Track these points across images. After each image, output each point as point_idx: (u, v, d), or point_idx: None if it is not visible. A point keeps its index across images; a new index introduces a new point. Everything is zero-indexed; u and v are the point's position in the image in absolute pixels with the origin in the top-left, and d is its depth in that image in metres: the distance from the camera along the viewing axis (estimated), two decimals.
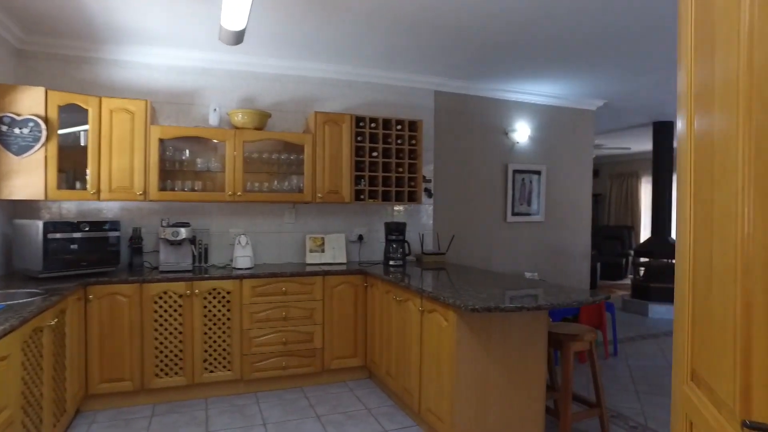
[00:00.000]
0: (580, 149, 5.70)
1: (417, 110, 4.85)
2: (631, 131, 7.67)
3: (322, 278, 3.89)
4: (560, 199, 5.60)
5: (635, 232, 10.64)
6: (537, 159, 5.44)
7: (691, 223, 0.98)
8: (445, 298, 2.64)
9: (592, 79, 4.81)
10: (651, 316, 6.53)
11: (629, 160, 10.86)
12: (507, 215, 5.27)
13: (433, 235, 4.93)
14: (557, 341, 2.94)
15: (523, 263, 5.38)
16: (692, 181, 0.97)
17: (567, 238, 5.65)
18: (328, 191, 4.17)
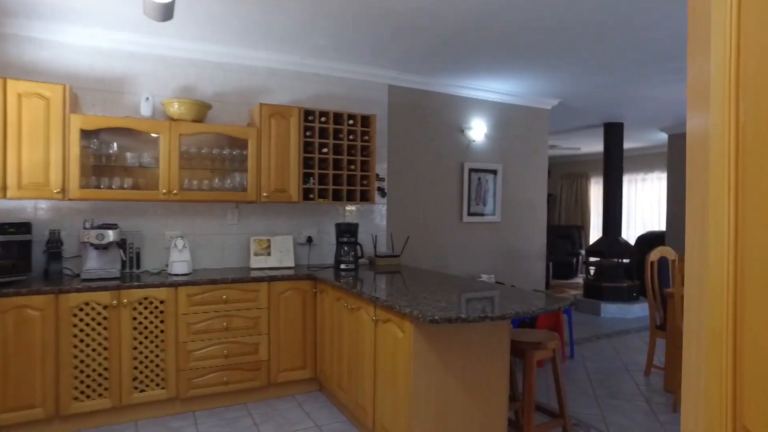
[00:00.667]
0: (535, 149, 5.63)
1: (370, 105, 4.61)
2: (583, 132, 7.74)
3: (267, 284, 3.58)
4: (516, 199, 5.51)
5: (585, 231, 10.83)
6: (493, 158, 5.32)
7: (729, 223, 0.78)
8: (401, 307, 2.41)
9: (547, 77, 4.72)
10: (603, 315, 6.57)
11: (579, 160, 11.04)
12: (463, 215, 5.11)
13: (387, 237, 4.70)
14: (519, 350, 2.78)
15: (480, 264, 5.25)
16: (736, 172, 0.77)
17: (522, 239, 5.56)
18: (274, 190, 3.86)
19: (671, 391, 3.83)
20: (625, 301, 6.63)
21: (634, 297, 6.74)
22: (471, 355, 2.53)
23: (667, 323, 3.90)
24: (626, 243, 6.85)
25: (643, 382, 4.08)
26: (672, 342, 3.86)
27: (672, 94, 5.27)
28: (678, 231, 7.31)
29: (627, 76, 4.64)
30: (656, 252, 4.25)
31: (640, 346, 5.13)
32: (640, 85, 4.91)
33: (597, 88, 5.10)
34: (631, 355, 4.82)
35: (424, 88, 4.88)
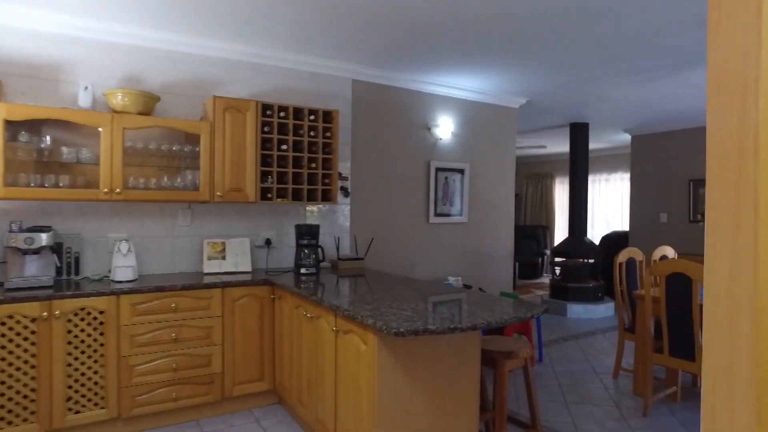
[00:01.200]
0: (503, 148, 5.53)
1: (333, 100, 4.39)
2: (549, 132, 7.72)
3: (221, 291, 3.32)
4: (483, 199, 5.39)
5: (550, 231, 10.88)
6: (460, 157, 5.18)
7: None
8: (364, 317, 2.21)
9: (515, 75, 4.61)
10: (569, 316, 6.54)
11: (544, 161, 11.10)
12: (429, 216, 4.95)
13: (351, 239, 4.49)
14: (490, 359, 2.61)
15: (447, 267, 5.10)
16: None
17: (490, 240, 5.45)
18: (229, 189, 3.60)
19: (640, 394, 3.76)
20: (591, 302, 6.62)
21: (600, 297, 6.75)
22: (440, 366, 2.35)
23: (636, 325, 3.83)
24: (591, 243, 6.85)
25: (612, 385, 4.01)
26: (641, 344, 3.79)
27: (636, 95, 5.25)
28: (641, 231, 7.37)
29: (593, 75, 4.57)
30: (624, 253, 4.19)
31: (607, 347, 5.09)
32: (606, 84, 4.86)
33: (564, 87, 5.03)
34: (598, 357, 4.76)
35: (390, 84, 4.69)
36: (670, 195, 7.01)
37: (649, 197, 7.27)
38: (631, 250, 4.25)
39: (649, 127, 7.17)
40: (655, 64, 4.19)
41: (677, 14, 3.17)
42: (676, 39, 3.60)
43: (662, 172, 7.11)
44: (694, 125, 6.68)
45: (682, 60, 4.08)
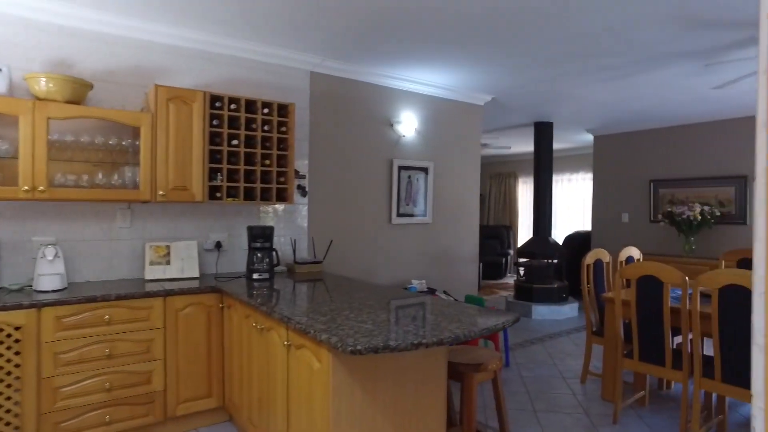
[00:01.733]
0: (468, 146, 5.37)
1: (290, 93, 4.11)
2: (514, 131, 7.64)
3: (162, 300, 2.99)
4: (448, 199, 5.21)
5: (513, 231, 10.86)
6: (424, 155, 4.98)
7: None
8: (317, 332, 1.95)
9: (480, 70, 4.44)
10: (534, 317, 6.46)
11: (508, 160, 11.08)
12: (392, 216, 4.73)
13: (309, 241, 4.22)
14: (457, 372, 2.41)
15: (410, 269, 4.89)
16: None
17: (455, 241, 5.28)
18: (173, 188, 3.27)
19: (609, 399, 3.64)
20: (556, 302, 6.56)
21: (564, 298, 6.69)
22: (403, 384, 2.12)
23: (605, 329, 3.72)
24: (556, 243, 6.80)
25: (581, 391, 3.89)
26: (609, 348, 3.68)
27: (601, 93, 5.18)
28: (603, 231, 7.38)
29: (560, 72, 4.45)
30: (592, 255, 4.08)
31: (573, 350, 4.99)
32: (572, 82, 4.76)
33: (530, 84, 4.90)
34: (565, 360, 4.65)
35: (351, 77, 4.44)
36: (632, 195, 7.04)
37: (611, 198, 7.28)
38: (598, 252, 4.14)
39: (611, 128, 7.18)
40: (622, 61, 4.10)
41: (646, 9, 3.05)
42: (644, 34, 3.49)
43: (624, 173, 7.14)
44: (655, 126, 6.72)
45: (648, 57, 4.00)
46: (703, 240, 6.21)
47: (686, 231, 5.98)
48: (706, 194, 6.24)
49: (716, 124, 6.16)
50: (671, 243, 6.54)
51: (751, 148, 5.88)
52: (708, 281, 2.81)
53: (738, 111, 5.88)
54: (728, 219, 6.01)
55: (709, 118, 6.17)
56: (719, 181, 6.13)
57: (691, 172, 6.40)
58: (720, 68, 4.20)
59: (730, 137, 6.05)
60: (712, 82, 4.55)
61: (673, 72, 4.37)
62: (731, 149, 6.04)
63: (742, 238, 5.92)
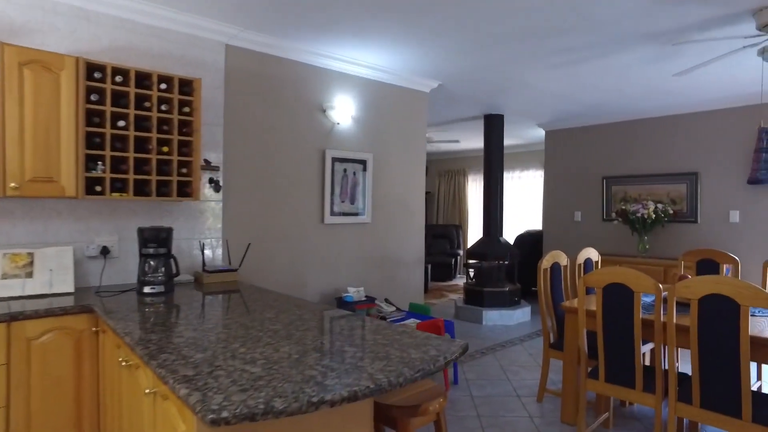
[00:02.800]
0: (412, 137, 4.83)
1: (198, 68, 3.43)
2: (464, 125, 7.20)
3: (5, 326, 2.27)
4: (390, 196, 4.66)
5: (463, 230, 10.49)
6: (362, 146, 4.41)
7: None
8: (177, 382, 1.33)
9: (424, 51, 3.91)
10: (485, 323, 6.02)
11: (457, 157, 10.69)
12: (325, 215, 4.13)
13: (223, 245, 3.56)
14: (389, 417, 1.84)
15: (347, 275, 4.31)
16: None
17: (398, 242, 4.73)
18: (32, 178, 2.55)
19: (570, 423, 3.20)
20: (508, 307, 6.15)
21: (516, 302, 6.29)
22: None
23: (565, 342, 3.26)
24: (507, 244, 6.39)
25: (538, 412, 3.43)
26: (570, 365, 3.23)
27: (555, 82, 4.78)
28: (555, 230, 7.05)
29: (513, 53, 3.99)
30: (549, 258, 3.63)
31: (527, 361, 4.56)
32: (525, 67, 4.32)
33: (478, 70, 4.43)
34: (519, 374, 4.19)
35: (275, 53, 3.81)
36: (584, 193, 6.74)
37: (563, 195, 6.97)
38: (555, 255, 3.70)
39: (563, 122, 6.86)
40: (581, 42, 3.67)
41: None
42: (608, 9, 3.06)
43: (576, 170, 6.83)
44: (608, 120, 6.43)
45: (610, 38, 3.59)
46: (655, 239, 5.96)
47: (640, 230, 5.70)
48: (659, 192, 6.00)
49: (669, 119, 5.93)
50: (625, 242, 6.27)
51: (704, 143, 5.67)
52: (686, 290, 2.38)
53: (692, 106, 5.65)
54: (680, 217, 5.78)
55: (663, 113, 5.92)
56: (671, 178, 5.89)
57: (644, 168, 6.15)
58: (683, 53, 3.86)
59: (683, 133, 5.82)
60: (673, 69, 4.22)
61: (634, 57, 4.00)
62: (684, 145, 5.81)
63: (695, 237, 5.70)
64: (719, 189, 5.55)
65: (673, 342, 2.50)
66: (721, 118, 5.52)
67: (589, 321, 2.94)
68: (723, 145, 5.52)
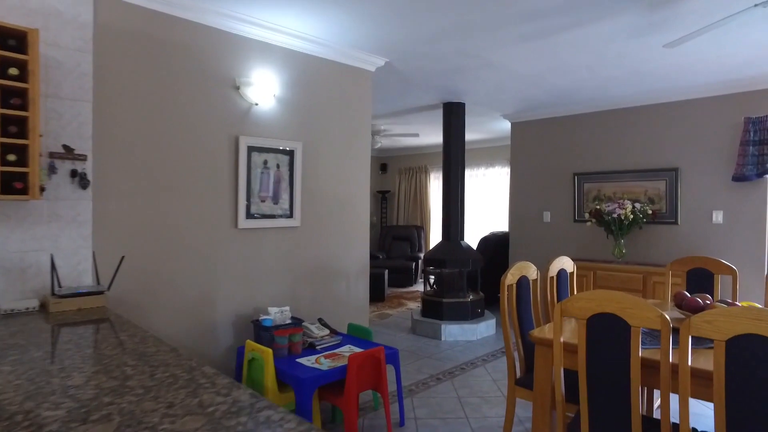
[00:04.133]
0: (354, 125, 4.06)
1: (50, 18, 2.56)
2: (421, 116, 6.47)
3: None
4: (326, 194, 3.87)
5: (426, 232, 9.79)
6: (289, 132, 3.61)
7: None
8: None
9: (367, 19, 3.14)
10: (444, 339, 5.30)
11: (418, 153, 9.99)
12: (239, 218, 3.31)
13: (93, 260, 2.70)
14: None
15: (269, 291, 3.50)
16: None
17: (337, 249, 3.95)
18: None
19: None
20: (470, 320, 5.45)
21: (479, 313, 5.60)
22: None
23: (535, 379, 2.54)
24: (469, 248, 5.69)
25: None
26: (541, 409, 2.51)
27: (520, 62, 4.09)
28: (522, 232, 6.39)
29: (468, 24, 3.26)
30: (515, 271, 2.91)
31: (490, 389, 3.84)
32: (484, 41, 3.60)
33: (431, 43, 3.69)
34: (480, 410, 3.47)
35: (172, 12, 2.97)
36: (554, 191, 6.10)
37: (531, 194, 6.32)
38: (522, 267, 2.98)
39: (531, 112, 6.21)
40: (553, 3, 2.96)
41: None
42: None
43: (545, 165, 6.19)
44: (580, 111, 5.81)
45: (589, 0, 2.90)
46: (632, 243, 5.36)
47: (616, 232, 5.08)
48: (635, 190, 5.40)
49: (648, 109, 5.33)
50: (599, 246, 5.65)
51: (685, 136, 5.08)
52: (707, 327, 1.68)
53: (673, 93, 5.06)
54: (659, 218, 5.19)
55: (641, 102, 5.32)
56: (649, 175, 5.30)
57: (620, 164, 5.54)
58: (674, 23, 3.20)
59: (662, 125, 5.23)
60: (662, 41, 3.57)
61: (616, 25, 3.33)
62: (663, 138, 5.22)
63: (675, 240, 5.12)
64: (701, 186, 4.98)
65: (687, 392, 1.80)
66: (704, 108, 4.94)
67: (568, 356, 2.22)
68: (706, 138, 4.95)
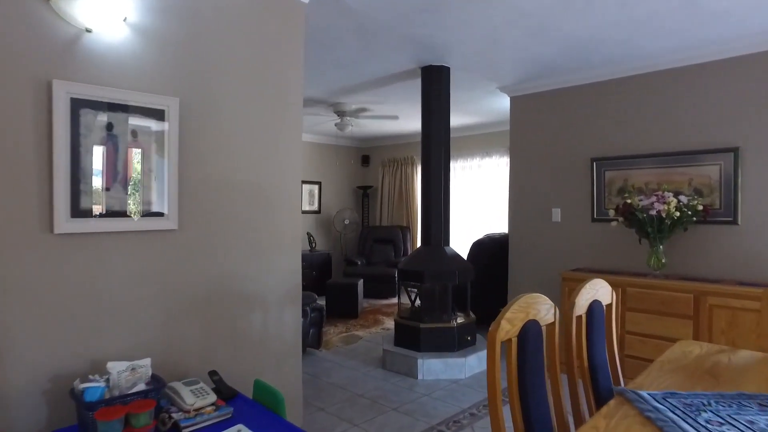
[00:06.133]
0: (276, 80, 2.75)
1: None
2: (400, 91, 5.16)
3: None
4: (227, 183, 2.56)
5: (412, 233, 8.49)
6: (154, 81, 2.29)
7: None
8: None
9: None
10: (422, 377, 4.00)
11: (403, 142, 8.67)
12: (56, 218, 1.98)
13: None
14: None
15: (118, 337, 2.18)
16: None
17: (247, 266, 2.64)
18: None
19: None
20: (456, 350, 4.14)
21: (468, 341, 4.29)
22: None
23: None
24: (456, 256, 4.38)
25: None
26: None
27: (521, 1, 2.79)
28: (523, 234, 5.07)
29: None
30: (516, 313, 1.59)
31: None
32: None
33: None
34: None
35: None
36: (566, 182, 4.78)
37: (536, 186, 4.99)
38: (528, 304, 1.66)
39: (535, 82, 4.89)
40: None
41: None
42: None
43: (554, 150, 4.87)
44: (600, 77, 4.48)
45: None
46: (672, 249, 4.04)
47: (654, 235, 3.77)
48: (676, 178, 4.08)
49: (692, 70, 4.01)
50: (627, 254, 4.32)
51: (747, 105, 3.76)
52: None
53: (729, 47, 3.74)
54: (711, 216, 3.86)
55: (687, 58, 4.00)
56: (695, 158, 3.98)
57: (654, 145, 4.22)
58: None
59: (714, 89, 3.91)
60: None
61: None
62: (716, 108, 3.90)
63: (733, 245, 3.80)
64: None
65: None
66: None
67: None
68: None
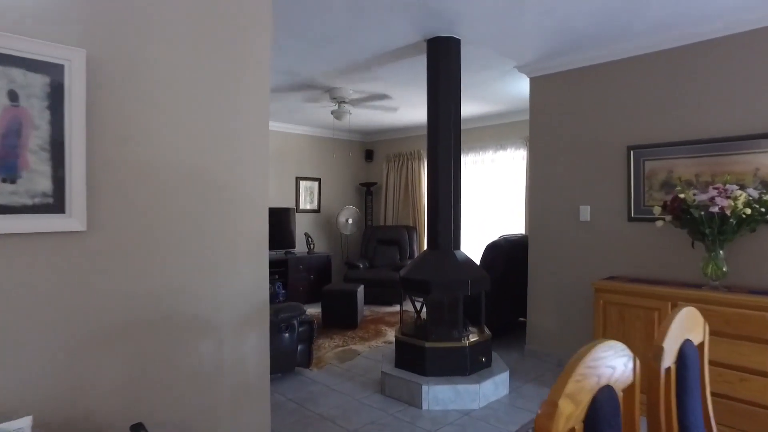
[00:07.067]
0: (237, 42, 2.10)
1: None
2: (401, 69, 4.49)
3: None
4: (163, 167, 1.92)
5: (419, 234, 7.83)
6: (46, 23, 1.65)
7: None
8: None
9: None
10: (427, 407, 3.34)
11: (410, 136, 8.01)
12: None
13: None
14: None
15: None
16: None
17: (189, 279, 2.00)
18: None
19: None
20: (467, 375, 3.48)
21: (483, 363, 3.62)
22: None
23: None
24: (468, 261, 3.72)
25: None
26: None
27: None
28: (547, 237, 4.38)
29: None
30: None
31: None
32: None
33: None
34: None
35: None
36: (597, 175, 4.09)
37: (561, 181, 4.31)
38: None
39: (560, 59, 4.20)
40: None
41: None
42: None
43: (582, 138, 4.18)
44: (639, 50, 3.79)
45: None
46: (734, 256, 3.34)
47: (712, 238, 3.07)
48: (737, 168, 3.38)
49: (753, 36, 3.31)
50: (675, 260, 3.62)
51: None
52: None
53: None
54: None
55: (745, 22, 3.30)
56: (759, 143, 3.29)
57: (706, 128, 3.53)
58: None
59: None
60: None
61: None
62: None
63: None
64: None
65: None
66: None
67: None
68: None
